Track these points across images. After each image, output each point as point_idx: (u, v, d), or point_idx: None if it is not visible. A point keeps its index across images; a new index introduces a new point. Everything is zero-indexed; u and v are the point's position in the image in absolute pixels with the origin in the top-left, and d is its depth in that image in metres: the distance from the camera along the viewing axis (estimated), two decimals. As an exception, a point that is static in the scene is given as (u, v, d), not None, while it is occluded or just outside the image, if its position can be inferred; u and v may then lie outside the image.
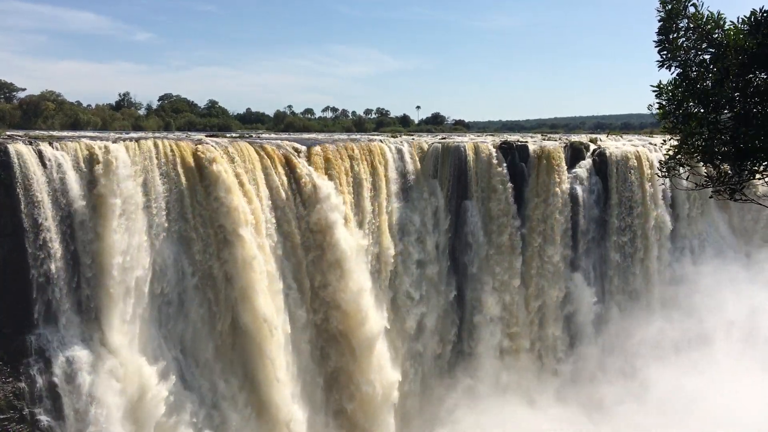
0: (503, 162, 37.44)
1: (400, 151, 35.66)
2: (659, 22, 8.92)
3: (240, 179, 27.54)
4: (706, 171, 9.68)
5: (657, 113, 9.44)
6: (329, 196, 30.36)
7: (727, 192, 9.48)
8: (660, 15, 8.89)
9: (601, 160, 40.00)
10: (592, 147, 41.08)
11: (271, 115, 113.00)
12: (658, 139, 43.05)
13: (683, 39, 8.87)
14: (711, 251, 41.94)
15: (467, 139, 41.47)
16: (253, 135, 43.70)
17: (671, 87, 9.07)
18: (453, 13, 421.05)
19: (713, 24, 8.60)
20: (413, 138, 40.75)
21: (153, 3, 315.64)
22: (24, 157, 22.74)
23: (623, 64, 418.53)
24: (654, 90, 9.19)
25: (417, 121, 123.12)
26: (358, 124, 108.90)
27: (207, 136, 33.37)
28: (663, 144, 10.16)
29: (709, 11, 8.69)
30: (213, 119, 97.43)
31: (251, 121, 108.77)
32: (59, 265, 23.23)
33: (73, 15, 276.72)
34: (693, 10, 8.74)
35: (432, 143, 37.62)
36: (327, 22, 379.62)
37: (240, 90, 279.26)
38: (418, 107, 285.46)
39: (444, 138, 42.91)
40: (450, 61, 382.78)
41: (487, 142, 39.09)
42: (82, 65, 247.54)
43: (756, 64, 8.50)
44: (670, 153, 9.59)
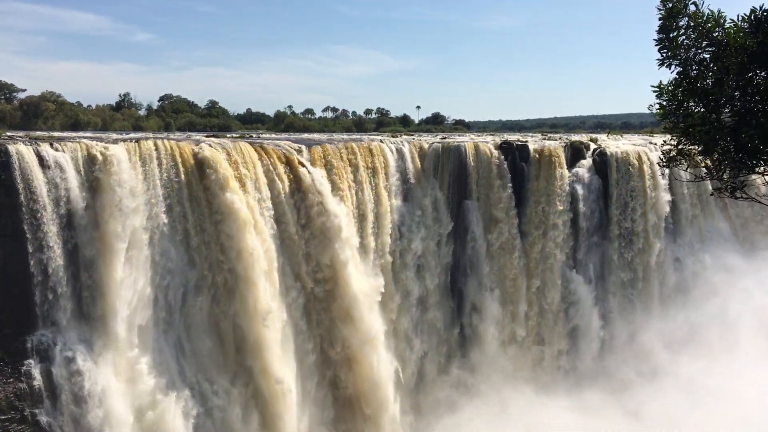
0: (504, 161, 37.44)
1: (400, 151, 35.67)
2: (660, 20, 8.90)
3: (241, 180, 27.54)
4: (705, 165, 9.66)
5: (657, 113, 9.43)
6: (330, 196, 30.37)
7: (728, 190, 9.46)
8: (660, 13, 8.88)
9: (602, 159, 39.98)
10: (592, 146, 41.08)
11: (272, 116, 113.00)
12: (658, 139, 43.04)
13: (683, 37, 8.86)
14: (712, 249, 41.87)
15: (467, 139, 41.47)
16: (254, 135, 43.73)
17: (671, 87, 9.05)
18: (453, 13, 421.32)
19: (713, 23, 8.59)
20: (413, 138, 40.77)
21: (153, 3, 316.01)
22: (24, 158, 22.75)
23: (623, 64, 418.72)
24: (654, 90, 9.18)
25: (417, 121, 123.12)
26: (358, 124, 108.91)
27: (207, 136, 33.41)
28: (664, 144, 10.14)
29: (710, 10, 8.68)
30: (213, 119, 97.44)
31: (251, 122, 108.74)
32: (59, 266, 23.22)
33: (73, 15, 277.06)
34: (693, 8, 8.73)
35: (432, 143, 37.62)
36: (327, 22, 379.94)
37: (240, 90, 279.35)
38: (418, 107, 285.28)
39: (444, 138, 42.91)
40: (450, 61, 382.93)
41: (488, 141, 39.10)
42: (82, 66, 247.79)
43: (756, 62, 8.48)
44: (671, 143, 9.59)
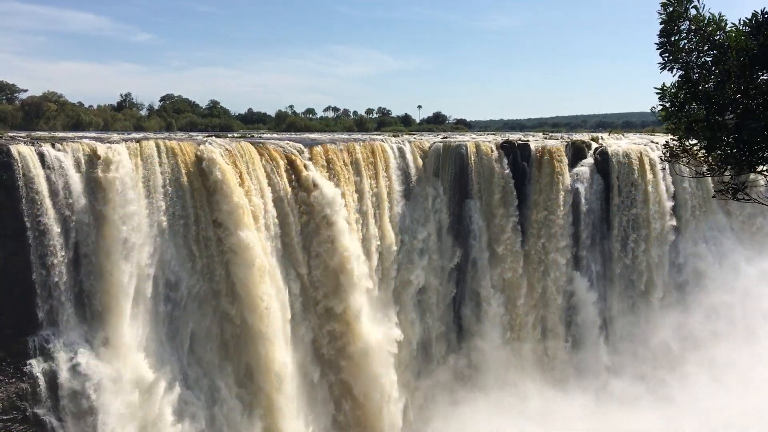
0: (505, 161, 37.42)
1: (401, 151, 35.68)
2: (660, 24, 8.89)
3: (242, 179, 27.56)
4: (707, 162, 9.64)
5: (660, 114, 9.43)
6: (331, 195, 30.36)
7: (730, 191, 9.46)
8: (661, 17, 8.87)
9: (603, 158, 39.94)
10: (593, 145, 41.02)
11: (273, 115, 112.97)
12: (660, 138, 42.99)
13: (685, 41, 8.85)
14: (714, 247, 41.81)
15: (469, 138, 41.45)
16: (255, 135, 43.73)
17: (674, 89, 9.05)
18: (453, 14, 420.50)
19: (714, 26, 8.58)
20: (415, 137, 40.74)
21: (153, 4, 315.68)
22: (26, 158, 22.78)
23: (624, 63, 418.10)
24: (657, 92, 9.17)
25: (418, 121, 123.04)
26: (359, 123, 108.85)
27: (208, 136, 33.41)
28: (667, 143, 10.14)
29: (710, 13, 8.67)
30: (214, 119, 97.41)
31: (253, 121, 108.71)
32: (61, 266, 23.27)
33: (74, 16, 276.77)
34: (694, 12, 8.72)
35: (433, 142, 37.61)
36: (327, 22, 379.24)
37: (241, 90, 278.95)
38: (419, 107, 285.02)
39: (445, 137, 42.86)
40: (451, 61, 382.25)
41: (489, 141, 39.06)
42: (82, 66, 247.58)
43: (758, 65, 8.48)
44: (674, 140, 9.59)
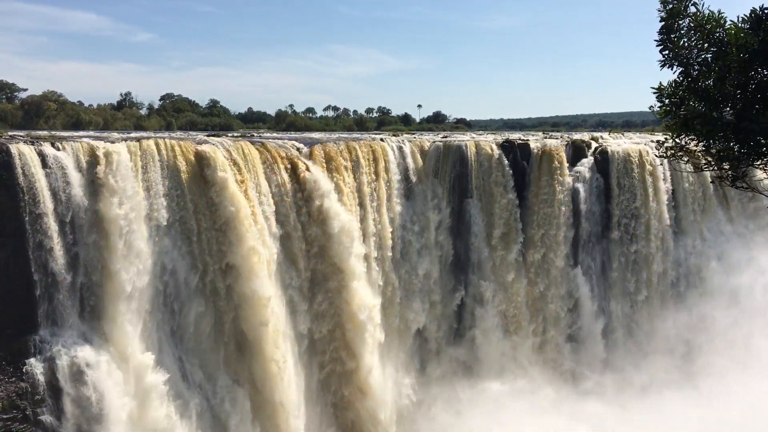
0: (505, 160, 37.42)
1: (401, 150, 35.68)
2: (660, 22, 8.92)
3: (242, 178, 27.55)
4: (705, 159, 9.64)
5: (658, 112, 9.45)
6: (331, 194, 30.38)
7: (728, 179, 9.48)
8: (661, 15, 8.90)
9: (603, 158, 39.96)
10: (593, 145, 41.04)
11: (273, 115, 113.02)
12: (660, 137, 42.95)
13: (684, 39, 8.88)
14: (714, 246, 41.82)
15: (468, 138, 41.43)
16: (255, 134, 43.72)
17: (671, 88, 9.08)
18: (453, 13, 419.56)
19: (714, 23, 8.61)
20: (415, 137, 40.74)
21: (153, 3, 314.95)
22: (26, 158, 22.77)
23: (624, 63, 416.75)
24: (654, 92, 9.20)
25: (418, 120, 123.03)
26: (359, 123, 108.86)
27: (208, 135, 33.40)
28: (665, 141, 10.14)
29: (710, 10, 8.70)
30: (214, 119, 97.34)
31: (253, 121, 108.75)
32: (61, 266, 23.26)
33: (74, 15, 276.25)
34: (694, 9, 8.74)
35: (433, 142, 37.61)
36: (327, 22, 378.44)
37: (241, 90, 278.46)
38: (419, 106, 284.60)
39: (445, 137, 42.84)
40: (451, 61, 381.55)
41: (489, 140, 39.06)
42: (82, 65, 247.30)
43: (758, 61, 8.50)
44: (670, 137, 9.63)
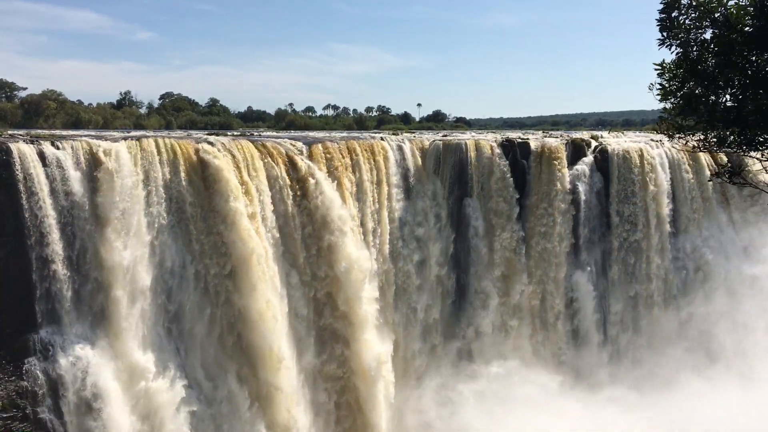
0: (504, 159, 37.41)
1: (401, 149, 35.66)
2: (661, 3, 8.89)
3: (242, 178, 27.55)
4: (702, 141, 9.59)
5: (658, 93, 9.40)
6: (331, 193, 30.37)
7: (726, 174, 9.48)
8: None
9: (603, 156, 39.92)
10: (593, 144, 40.99)
11: (273, 114, 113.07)
12: (659, 136, 42.93)
13: (685, 17, 8.84)
14: (714, 245, 41.77)
15: (468, 137, 41.40)
16: (255, 133, 43.71)
17: (674, 66, 9.03)
18: (453, 12, 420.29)
19: (716, 2, 8.58)
20: (414, 135, 40.72)
21: (153, 2, 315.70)
22: (26, 157, 22.77)
23: (624, 62, 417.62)
24: (657, 69, 9.16)
25: (418, 119, 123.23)
26: (359, 122, 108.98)
27: (208, 134, 33.40)
28: (666, 138, 10.13)
29: None
30: (214, 117, 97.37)
31: (252, 120, 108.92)
32: (61, 265, 23.26)
33: (74, 14, 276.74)
34: None
35: (433, 141, 37.57)
36: (327, 20, 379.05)
37: (241, 89, 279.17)
38: (419, 105, 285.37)
39: (445, 135, 42.83)
40: (450, 60, 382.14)
41: (489, 139, 39.04)
42: (82, 64, 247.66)
43: (756, 44, 8.48)
44: (662, 114, 9.62)
